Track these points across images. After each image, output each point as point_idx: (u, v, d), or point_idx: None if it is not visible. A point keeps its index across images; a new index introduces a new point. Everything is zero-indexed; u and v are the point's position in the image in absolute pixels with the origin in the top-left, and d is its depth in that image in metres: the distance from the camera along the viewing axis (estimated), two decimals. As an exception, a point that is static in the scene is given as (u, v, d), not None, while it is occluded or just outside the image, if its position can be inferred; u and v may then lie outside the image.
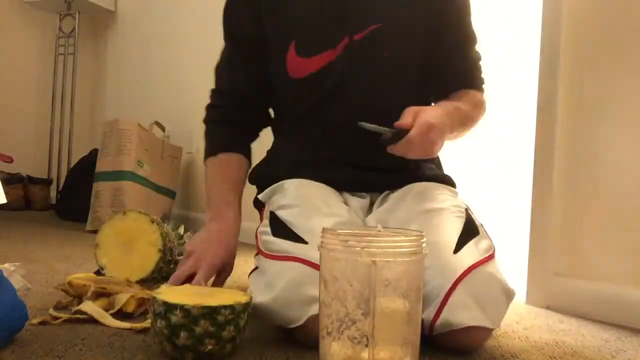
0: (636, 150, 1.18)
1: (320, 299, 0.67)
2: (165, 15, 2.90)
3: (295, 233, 0.90)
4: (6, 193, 2.01)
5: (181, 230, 1.33)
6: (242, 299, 0.79)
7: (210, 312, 0.74)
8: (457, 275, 0.83)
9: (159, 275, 1.18)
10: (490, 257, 0.89)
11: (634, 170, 1.18)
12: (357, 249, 0.64)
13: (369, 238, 0.67)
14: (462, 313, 0.81)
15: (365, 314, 0.62)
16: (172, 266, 1.22)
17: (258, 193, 1.17)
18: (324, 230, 0.69)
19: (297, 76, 1.06)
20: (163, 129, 2.59)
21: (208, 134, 1.19)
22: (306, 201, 0.98)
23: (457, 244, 0.88)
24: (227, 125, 1.16)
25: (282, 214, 0.96)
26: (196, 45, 2.66)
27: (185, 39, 2.74)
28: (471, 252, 0.87)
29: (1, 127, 3.09)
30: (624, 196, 1.19)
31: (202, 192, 2.59)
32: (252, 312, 0.91)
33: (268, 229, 0.96)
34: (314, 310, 0.81)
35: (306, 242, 0.88)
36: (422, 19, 1.06)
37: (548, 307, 1.28)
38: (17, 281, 0.94)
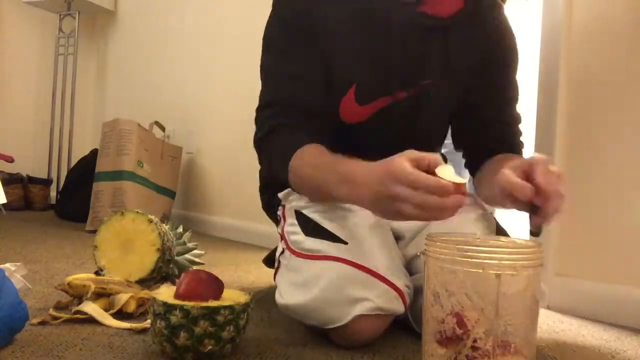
0: (636, 150, 1.18)
1: (429, 314, 0.63)
2: (165, 15, 2.90)
3: (331, 233, 0.89)
4: (6, 193, 2.01)
5: (180, 229, 1.33)
6: (241, 299, 0.79)
7: (210, 313, 0.74)
8: None
9: (158, 274, 1.18)
10: None
11: (634, 170, 1.18)
12: (478, 260, 0.58)
13: (490, 248, 0.62)
14: None
15: (487, 333, 0.58)
16: (171, 265, 1.22)
17: (266, 199, 1.17)
18: (431, 237, 0.64)
19: (347, 120, 1.00)
20: (163, 129, 2.59)
21: (274, 146, 0.96)
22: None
23: None
24: (295, 132, 0.95)
25: (310, 213, 0.94)
26: (196, 45, 2.66)
27: (185, 39, 2.74)
28: None
29: (1, 127, 3.09)
30: (624, 196, 1.19)
31: (202, 192, 2.59)
32: (284, 312, 0.91)
33: (298, 229, 0.94)
34: (357, 310, 0.81)
35: (346, 243, 0.87)
36: (469, 71, 1.02)
37: (548, 307, 1.27)
38: (17, 281, 0.94)
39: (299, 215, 0.95)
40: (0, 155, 2.83)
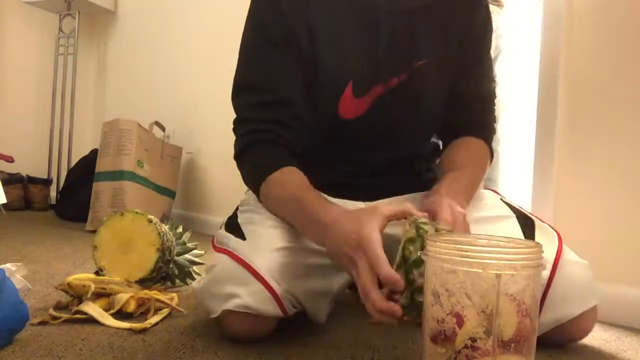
0: (636, 150, 1.18)
1: (429, 314, 0.63)
2: (165, 16, 2.90)
3: (240, 228, 0.92)
4: (6, 193, 2.01)
5: (180, 229, 1.33)
6: None
7: None
8: (548, 274, 0.85)
9: (158, 274, 1.18)
10: (560, 239, 0.92)
11: (634, 169, 1.18)
12: (478, 260, 0.58)
13: (490, 248, 0.61)
14: (566, 305, 0.85)
15: (487, 333, 0.58)
16: (171, 265, 1.22)
17: None
18: (432, 237, 0.64)
19: (345, 116, 0.97)
20: (163, 129, 2.59)
21: (254, 157, 0.99)
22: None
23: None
24: (268, 149, 0.98)
25: (242, 209, 1.01)
26: (196, 45, 2.66)
27: (185, 39, 2.74)
28: (546, 245, 0.73)
29: (1, 127, 3.09)
30: (624, 196, 1.19)
31: (202, 192, 2.59)
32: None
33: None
34: (226, 305, 0.82)
35: (244, 238, 0.89)
36: (455, 52, 1.02)
37: (548, 307, 1.27)
38: (17, 281, 0.94)
39: (233, 214, 1.01)
40: (0, 155, 2.83)
